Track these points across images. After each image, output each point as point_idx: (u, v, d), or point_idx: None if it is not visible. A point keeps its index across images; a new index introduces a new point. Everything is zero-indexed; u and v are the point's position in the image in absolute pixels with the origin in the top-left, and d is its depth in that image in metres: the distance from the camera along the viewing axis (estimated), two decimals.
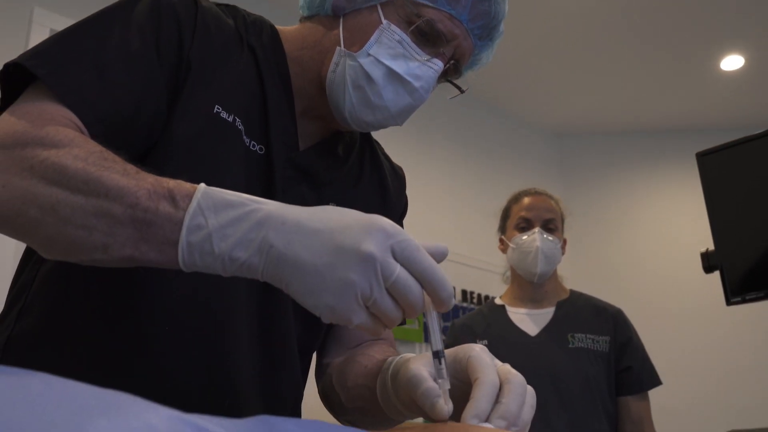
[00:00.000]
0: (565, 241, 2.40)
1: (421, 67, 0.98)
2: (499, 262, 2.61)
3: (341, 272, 0.62)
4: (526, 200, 2.40)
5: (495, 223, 2.52)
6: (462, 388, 0.72)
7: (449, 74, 1.06)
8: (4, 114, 0.78)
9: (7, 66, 0.81)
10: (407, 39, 0.97)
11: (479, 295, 4.39)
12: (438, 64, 0.99)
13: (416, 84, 0.98)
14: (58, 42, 0.83)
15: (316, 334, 1.05)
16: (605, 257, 5.06)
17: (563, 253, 2.38)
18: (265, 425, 0.48)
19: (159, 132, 0.87)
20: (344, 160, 1.09)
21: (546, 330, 2.28)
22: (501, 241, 2.46)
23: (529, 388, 0.71)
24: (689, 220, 4.57)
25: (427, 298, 0.66)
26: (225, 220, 0.65)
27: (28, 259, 0.94)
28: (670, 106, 5.07)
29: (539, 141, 5.45)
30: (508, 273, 2.48)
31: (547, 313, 2.32)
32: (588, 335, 2.24)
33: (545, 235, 2.31)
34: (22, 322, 0.87)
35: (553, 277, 2.38)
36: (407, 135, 4.25)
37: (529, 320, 2.31)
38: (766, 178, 1.55)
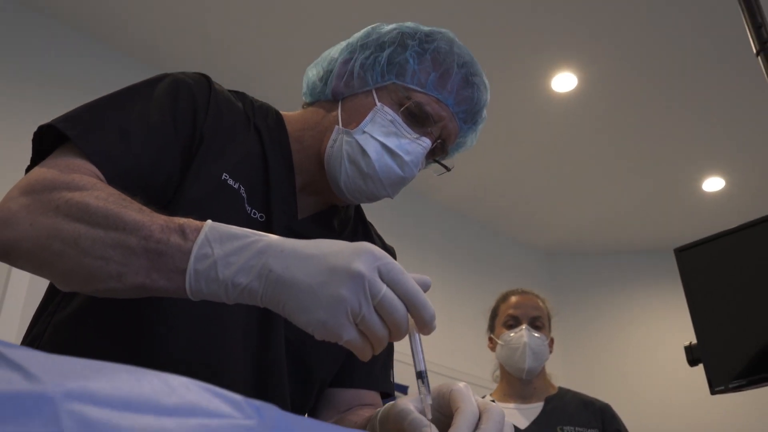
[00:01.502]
0: (552, 340, 2.44)
1: (410, 144, 1.07)
2: (490, 375, 2.64)
3: (333, 289, 0.67)
4: (514, 299, 2.48)
5: (486, 337, 2.56)
6: (445, 422, 0.75)
7: (436, 153, 1.14)
8: (36, 167, 0.86)
9: (40, 128, 0.89)
10: (399, 119, 1.07)
11: None
12: (426, 142, 1.08)
13: (406, 158, 1.06)
14: (87, 110, 0.92)
15: (309, 394, 1.07)
16: (595, 374, 5.03)
17: (551, 351, 2.41)
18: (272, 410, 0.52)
19: (171, 193, 0.94)
20: (339, 232, 1.15)
21: (536, 423, 2.28)
22: (490, 339, 2.50)
23: (508, 421, 0.75)
24: (677, 337, 4.61)
25: (411, 321, 0.70)
26: (229, 249, 0.71)
27: (41, 313, 0.98)
28: (655, 227, 5.20)
29: (530, 260, 5.53)
30: (498, 372, 2.51)
31: (536, 408, 2.34)
32: (577, 428, 2.24)
33: (532, 332, 2.36)
34: None
35: (541, 374, 2.41)
36: (400, 251, 4.32)
37: (518, 414, 2.31)
38: (742, 269, 1.61)
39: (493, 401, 2.42)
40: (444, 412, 0.76)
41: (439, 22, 1.20)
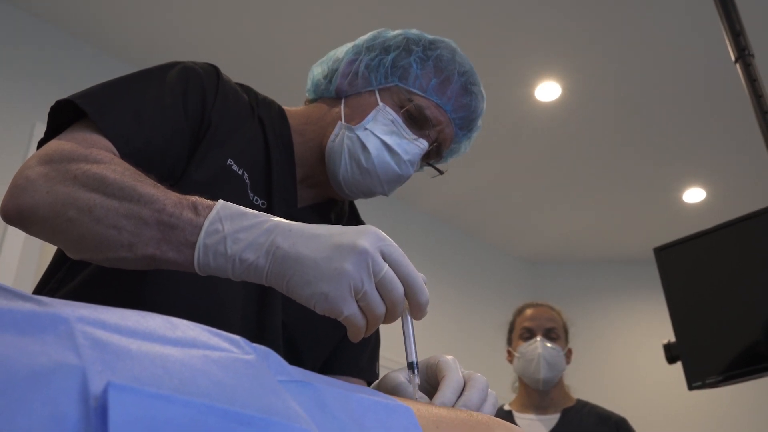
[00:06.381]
0: (569, 350, 2.47)
1: (409, 144, 1.10)
2: None
3: (337, 263, 0.69)
4: (529, 311, 2.54)
5: (472, 348, 2.61)
6: (432, 392, 0.77)
7: (431, 156, 1.17)
8: (54, 139, 0.88)
9: (58, 102, 0.91)
10: (399, 120, 1.10)
11: None
12: (423, 144, 1.12)
13: (405, 157, 1.10)
14: (104, 88, 0.94)
15: None
16: (576, 379, 5.07)
17: (568, 362, 2.44)
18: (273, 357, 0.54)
19: (179, 175, 0.97)
20: (335, 223, 1.17)
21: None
22: (508, 352, 2.55)
23: (491, 391, 0.78)
24: (656, 343, 4.68)
25: (405, 303, 0.72)
26: (239, 226, 0.73)
27: (40, 292, 0.99)
28: (635, 237, 5.21)
29: (513, 268, 5.56)
30: (517, 383, 2.55)
31: (553, 419, 2.36)
32: None
33: (546, 343, 2.40)
34: None
35: (558, 384, 2.44)
36: None
37: (536, 425, 2.33)
38: (719, 268, 1.65)
39: (510, 412, 2.46)
40: (431, 383, 0.79)
41: (420, 30, 1.22)
